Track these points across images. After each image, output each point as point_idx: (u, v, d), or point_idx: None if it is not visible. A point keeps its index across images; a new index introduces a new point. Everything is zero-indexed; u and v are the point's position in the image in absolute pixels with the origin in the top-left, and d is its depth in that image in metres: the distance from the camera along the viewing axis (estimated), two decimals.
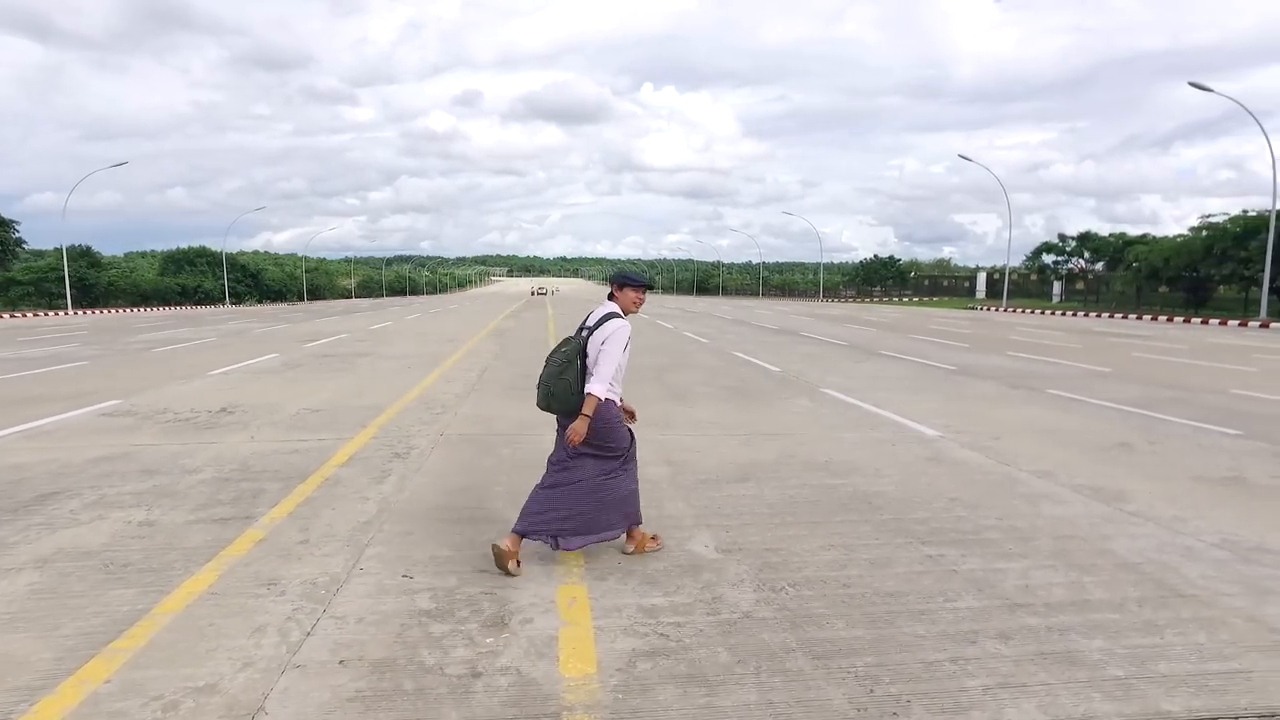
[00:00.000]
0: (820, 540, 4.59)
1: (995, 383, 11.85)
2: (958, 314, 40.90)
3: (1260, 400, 10.43)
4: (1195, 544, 4.61)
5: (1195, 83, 33.57)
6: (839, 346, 17.96)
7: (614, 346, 3.99)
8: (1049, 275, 59.32)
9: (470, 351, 16.35)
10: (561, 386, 3.97)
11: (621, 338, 4.04)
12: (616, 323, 4.08)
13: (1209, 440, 7.69)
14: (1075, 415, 9.07)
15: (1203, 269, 39.16)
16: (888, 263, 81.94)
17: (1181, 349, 19.10)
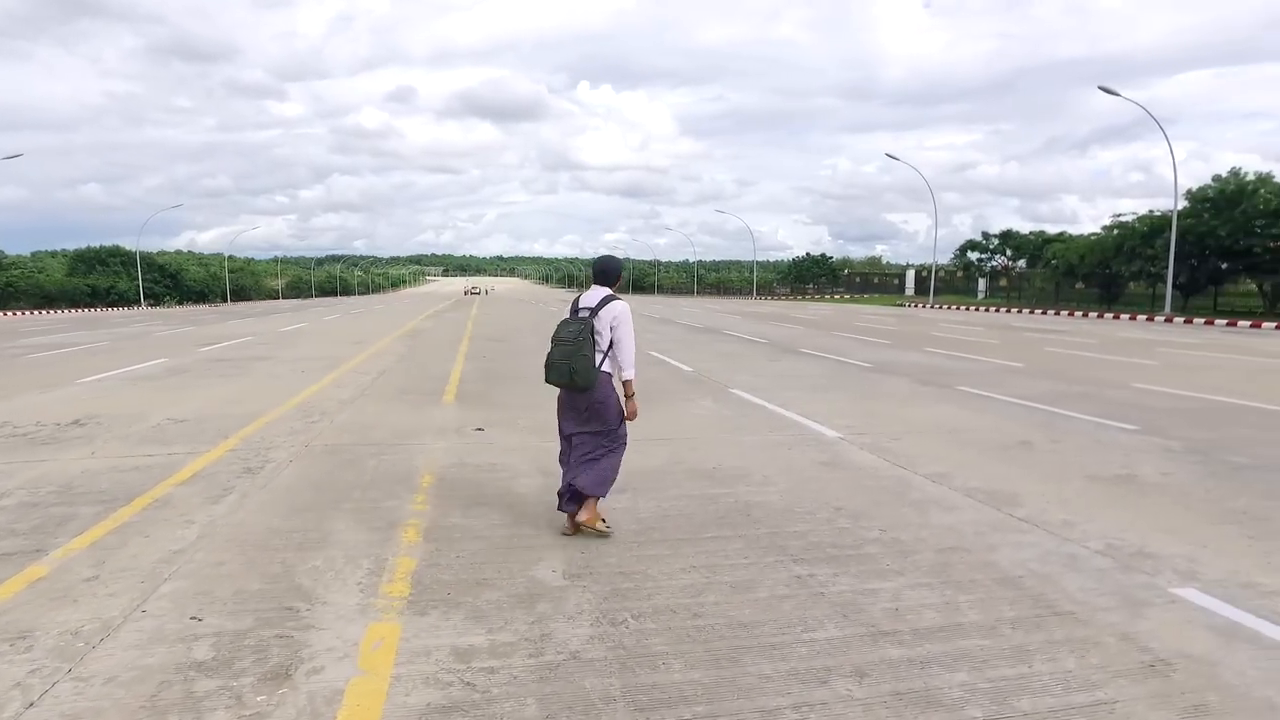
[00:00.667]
0: (684, 561, 4.17)
1: (908, 380, 11.69)
2: (885, 311, 41.38)
3: (1158, 394, 10.46)
4: (1079, 551, 4.34)
5: (1104, 87, 34.55)
6: (759, 345, 17.74)
7: (629, 330, 4.38)
8: (974, 272, 60.67)
9: (376, 354, 15.61)
10: (583, 364, 4.23)
11: (630, 319, 4.40)
12: (623, 305, 4.39)
13: (1107, 437, 7.56)
14: (982, 413, 8.90)
15: (1114, 266, 40.34)
16: (820, 261, 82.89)
17: (1092, 344, 19.43)
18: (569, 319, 4.40)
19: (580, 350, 4.24)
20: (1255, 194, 34.10)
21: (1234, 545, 4.50)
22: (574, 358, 4.24)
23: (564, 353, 4.27)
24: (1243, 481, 5.93)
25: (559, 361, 4.30)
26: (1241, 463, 6.54)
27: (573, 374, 4.26)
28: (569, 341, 4.27)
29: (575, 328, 4.30)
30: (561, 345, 4.29)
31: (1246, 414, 9.02)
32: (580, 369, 4.24)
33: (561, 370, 4.29)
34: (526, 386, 10.76)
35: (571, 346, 4.25)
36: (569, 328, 4.33)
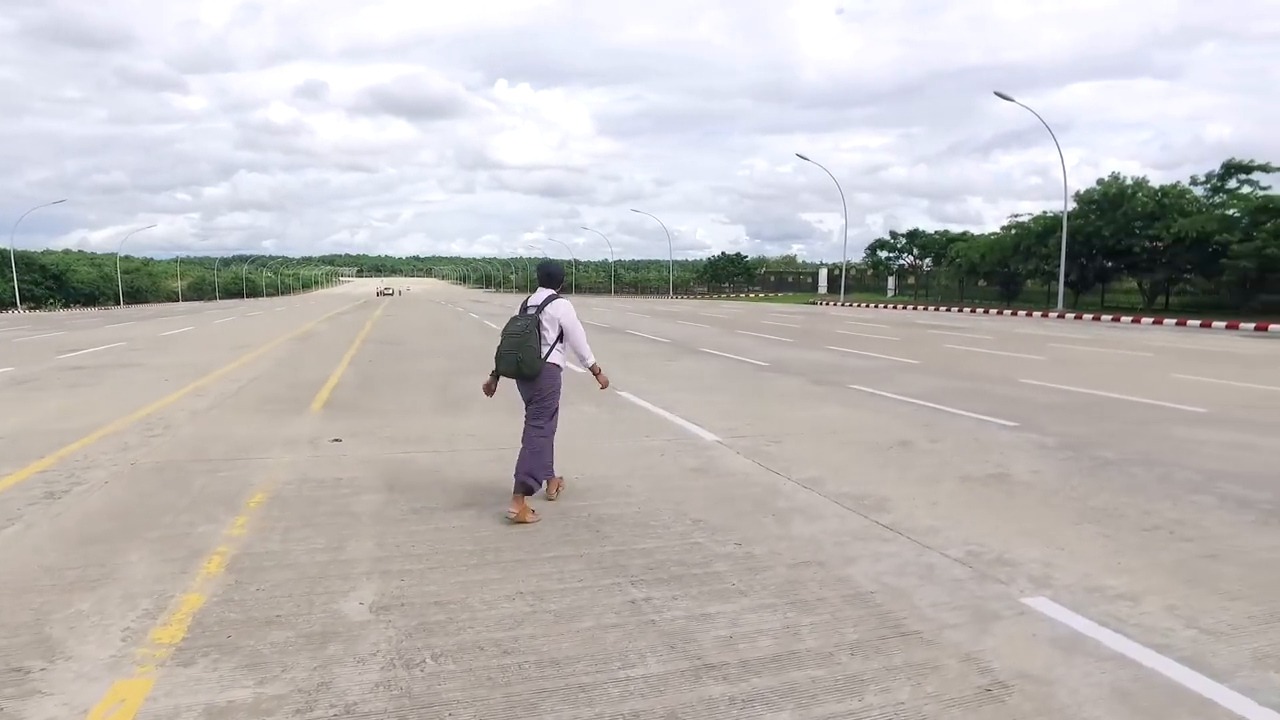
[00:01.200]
0: (512, 586, 3.77)
1: (802, 379, 11.58)
2: (795, 309, 41.89)
3: (1042, 389, 10.61)
4: (938, 561, 4.13)
5: (1000, 93, 35.78)
6: (661, 344, 17.49)
7: (576, 323, 4.89)
8: (883, 271, 62.20)
9: (255, 359, 14.69)
10: (529, 354, 4.67)
11: (574, 314, 4.91)
12: (566, 303, 4.90)
13: (987, 434, 7.51)
14: (869, 412, 8.79)
15: (1012, 264, 41.84)
16: (735, 260, 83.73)
17: (989, 340, 19.90)
18: (518, 316, 4.85)
19: (526, 342, 4.68)
20: (1134, 197, 35.85)
21: (1089, 546, 4.38)
22: (521, 349, 4.68)
23: (512, 344, 4.70)
24: (1106, 477, 5.89)
25: (508, 352, 4.72)
26: (1108, 458, 6.54)
27: (519, 363, 4.69)
28: (517, 334, 4.70)
29: (523, 323, 4.75)
30: (510, 338, 4.72)
31: (1119, 407, 9.17)
32: (526, 359, 4.68)
33: (510, 360, 4.72)
34: (406, 392, 10.19)
35: (519, 339, 4.68)
36: (517, 323, 4.77)
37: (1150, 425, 8.07)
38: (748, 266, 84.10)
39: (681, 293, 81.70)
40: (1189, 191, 36.09)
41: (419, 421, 8.09)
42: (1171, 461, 6.43)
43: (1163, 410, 9.01)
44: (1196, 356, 15.93)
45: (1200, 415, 8.72)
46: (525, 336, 4.70)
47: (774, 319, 30.00)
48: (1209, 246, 31.88)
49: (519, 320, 4.81)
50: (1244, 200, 33.23)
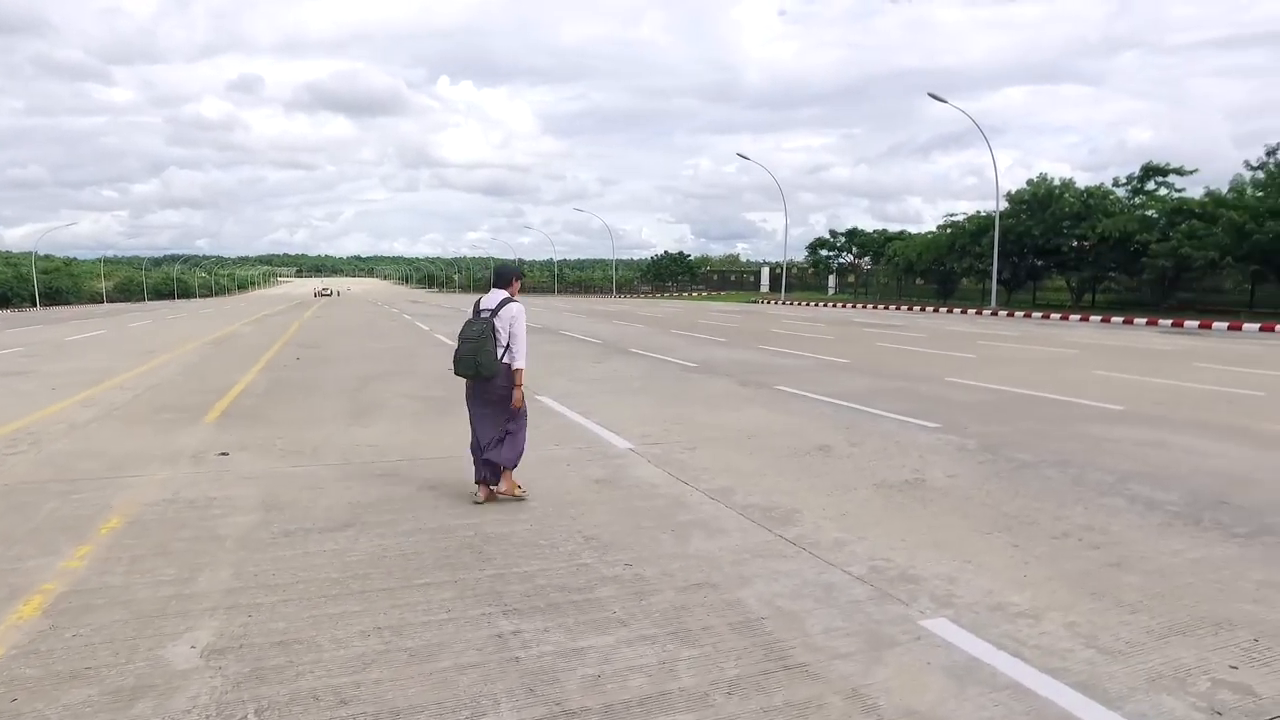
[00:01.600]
0: (372, 619, 3.41)
1: (729, 380, 11.38)
2: (735, 307, 41.97)
3: (968, 388, 10.59)
4: (839, 579, 3.89)
5: (934, 94, 36.30)
6: (592, 345, 17.16)
7: (522, 328, 4.98)
8: (823, 269, 62.86)
9: (161, 364, 13.92)
10: (487, 357, 4.86)
11: (523, 318, 5.02)
12: (518, 306, 5.01)
13: (908, 437, 7.37)
14: (792, 414, 8.60)
15: (948, 263, 42.60)
16: (678, 259, 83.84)
17: (922, 338, 20.05)
18: (473, 319, 5.01)
19: (484, 346, 4.86)
20: (1061, 198, 36.79)
21: (997, 557, 4.20)
22: (479, 352, 4.86)
23: (470, 348, 4.88)
24: (1021, 481, 5.77)
25: (466, 356, 4.89)
26: (1025, 460, 6.43)
27: (478, 366, 4.88)
28: (474, 339, 4.88)
29: (479, 327, 4.92)
30: (468, 342, 4.90)
31: (1040, 406, 9.16)
32: (485, 362, 4.87)
33: (468, 363, 4.90)
34: (314, 399, 9.68)
35: (476, 343, 4.87)
36: (474, 327, 4.94)
37: (1069, 424, 8.04)
38: (691, 265, 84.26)
39: (625, 292, 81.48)
40: (1112, 193, 37.18)
41: (319, 431, 7.63)
42: (1086, 462, 6.36)
43: (1082, 408, 9.02)
44: (1117, 353, 16.23)
45: (1117, 413, 8.74)
46: (482, 340, 4.88)
47: (712, 318, 29.92)
48: (1130, 246, 32.84)
49: (475, 324, 4.97)
50: (1161, 202, 34.36)
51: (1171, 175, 36.27)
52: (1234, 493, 5.51)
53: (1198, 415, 8.64)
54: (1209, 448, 6.98)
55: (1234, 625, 3.41)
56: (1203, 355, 15.79)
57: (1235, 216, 27.38)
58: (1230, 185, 30.20)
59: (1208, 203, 30.12)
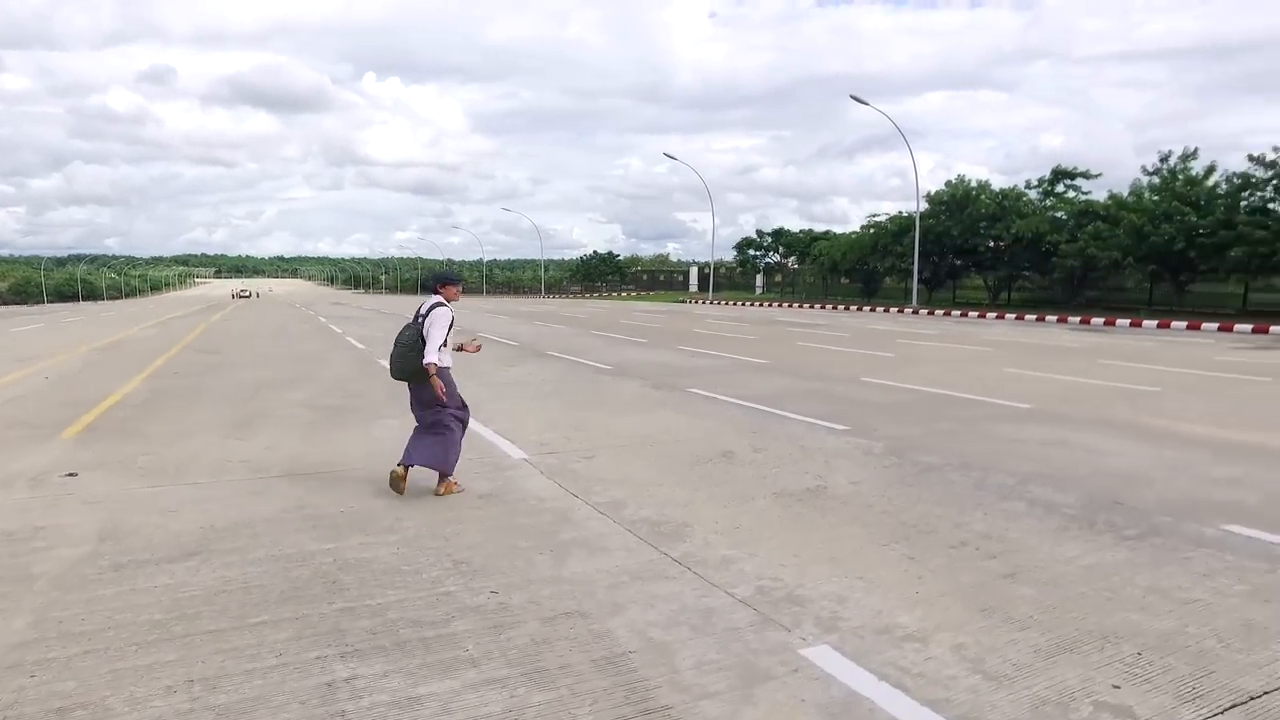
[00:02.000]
0: (185, 670, 2.98)
1: (641, 383, 11.10)
2: (662, 307, 41.89)
3: (882, 388, 10.54)
4: (721, 603, 3.62)
5: (855, 96, 36.87)
6: (507, 348, 16.69)
7: (434, 327, 5.06)
8: (750, 269, 63.41)
9: (32, 373, 12.88)
10: (411, 360, 5.03)
11: (442, 319, 5.10)
12: (440, 310, 5.14)
13: (815, 441, 7.19)
14: (701, 418, 8.36)
15: (871, 262, 43.39)
16: (607, 259, 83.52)
17: (844, 336, 20.19)
18: (410, 323, 5.19)
19: (411, 350, 5.05)
20: (978, 199, 37.81)
21: (891, 571, 3.99)
22: (405, 357, 5.06)
23: (399, 354, 5.10)
24: (925, 486, 5.62)
25: (397, 359, 5.12)
26: (931, 463, 6.30)
27: (404, 371, 5.09)
28: (404, 344, 5.08)
29: (410, 332, 5.11)
30: (399, 347, 5.10)
31: (951, 405, 9.14)
32: (409, 365, 5.06)
33: (399, 367, 5.12)
34: (197, 409, 9.02)
35: (405, 347, 5.07)
36: (406, 332, 5.13)
37: (977, 423, 8.01)
38: (620, 266, 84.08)
39: (555, 292, 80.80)
40: (1025, 195, 38.36)
41: (191, 445, 7.04)
42: (990, 464, 6.27)
43: (992, 408, 9.03)
44: (1029, 350, 16.57)
45: (1025, 411, 8.77)
46: (411, 345, 5.06)
47: (636, 318, 29.70)
48: (1042, 246, 33.93)
49: (408, 329, 5.14)
50: (1069, 204, 35.60)
51: (1079, 179, 37.71)
52: (1127, 493, 5.47)
53: (1099, 412, 8.72)
54: (1108, 446, 6.99)
55: (1120, 638, 3.26)
56: (1107, 352, 16.24)
57: (1134, 219, 28.49)
58: (1130, 189, 31.46)
59: (1110, 205, 31.31)
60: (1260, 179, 27.07)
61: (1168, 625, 3.41)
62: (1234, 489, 5.62)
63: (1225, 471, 6.13)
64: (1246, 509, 5.12)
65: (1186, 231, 26.94)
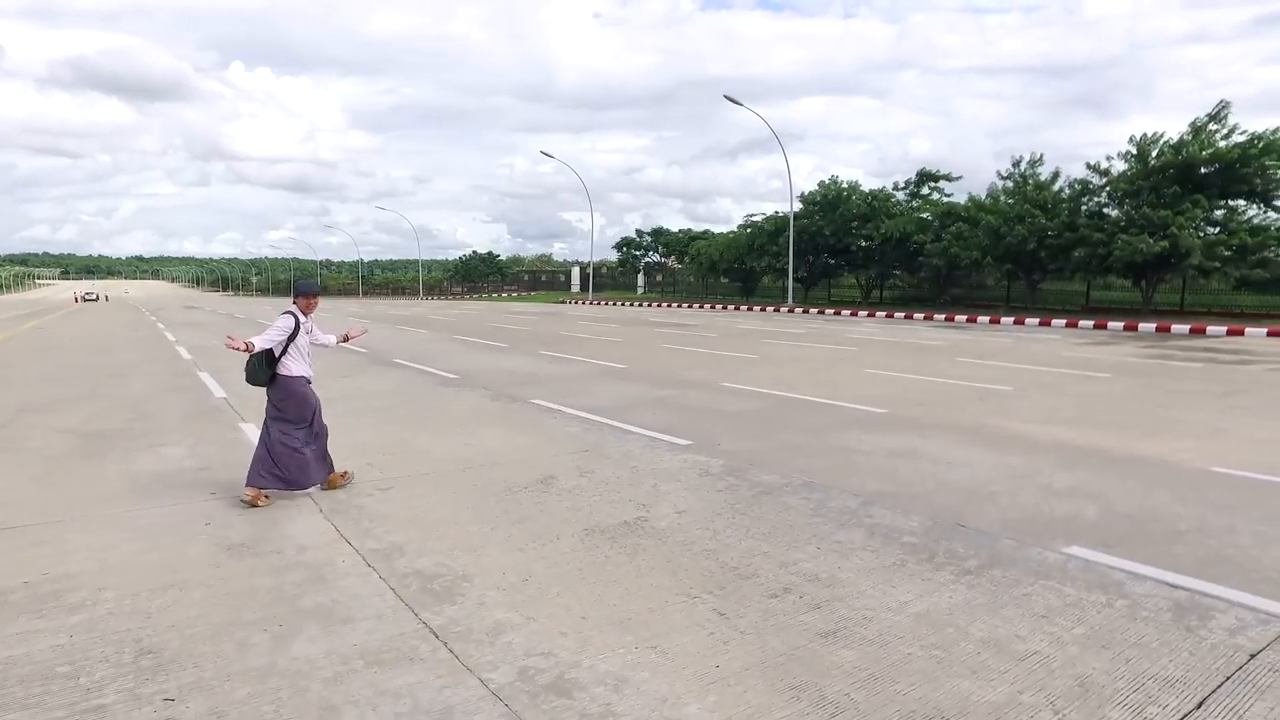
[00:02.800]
0: None
1: (482, 394, 10.21)
2: (539, 308, 40.88)
3: (738, 394, 10.05)
4: (466, 698, 2.83)
5: (729, 97, 36.94)
6: (355, 355, 15.39)
7: (271, 329, 5.29)
8: (630, 268, 63.13)
9: None
10: (250, 366, 5.27)
11: (281, 324, 5.30)
12: (284, 317, 5.35)
13: (650, 460, 6.52)
14: (532, 435, 7.57)
15: (748, 261, 43.73)
16: (487, 259, 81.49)
17: (711, 337, 19.84)
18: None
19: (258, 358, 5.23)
20: (849, 199, 38.67)
21: (692, 637, 3.31)
22: (250, 364, 5.25)
23: (251, 361, 5.25)
24: (757, 514, 5.01)
25: (247, 367, 5.28)
26: (771, 483, 5.73)
27: (253, 376, 5.28)
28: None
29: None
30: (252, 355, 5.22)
31: (807, 412, 8.70)
32: (251, 371, 5.27)
33: (248, 373, 5.29)
34: None
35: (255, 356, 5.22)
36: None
37: (829, 433, 7.56)
38: (500, 266, 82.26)
39: (435, 293, 78.22)
40: (893, 196, 39.51)
41: None
42: (834, 482, 5.75)
43: (847, 413, 8.64)
44: (892, 349, 16.62)
45: (879, 417, 8.42)
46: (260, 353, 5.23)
47: (505, 320, 28.63)
48: (909, 246, 34.95)
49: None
50: (934, 205, 36.87)
51: (942, 181, 39.17)
52: (971, 511, 5.04)
53: (951, 415, 8.47)
54: (956, 454, 6.64)
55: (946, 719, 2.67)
56: (965, 350, 16.47)
57: (992, 220, 29.63)
58: (987, 192, 32.77)
59: (970, 207, 32.52)
60: (1096, 185, 28.63)
61: (1000, 694, 2.86)
62: (1074, 501, 5.29)
63: (1066, 479, 5.84)
64: (1086, 524, 4.76)
65: (1037, 233, 28.18)
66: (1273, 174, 25.00)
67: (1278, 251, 25.31)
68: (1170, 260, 25.31)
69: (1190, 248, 24.35)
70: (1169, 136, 26.64)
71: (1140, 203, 26.26)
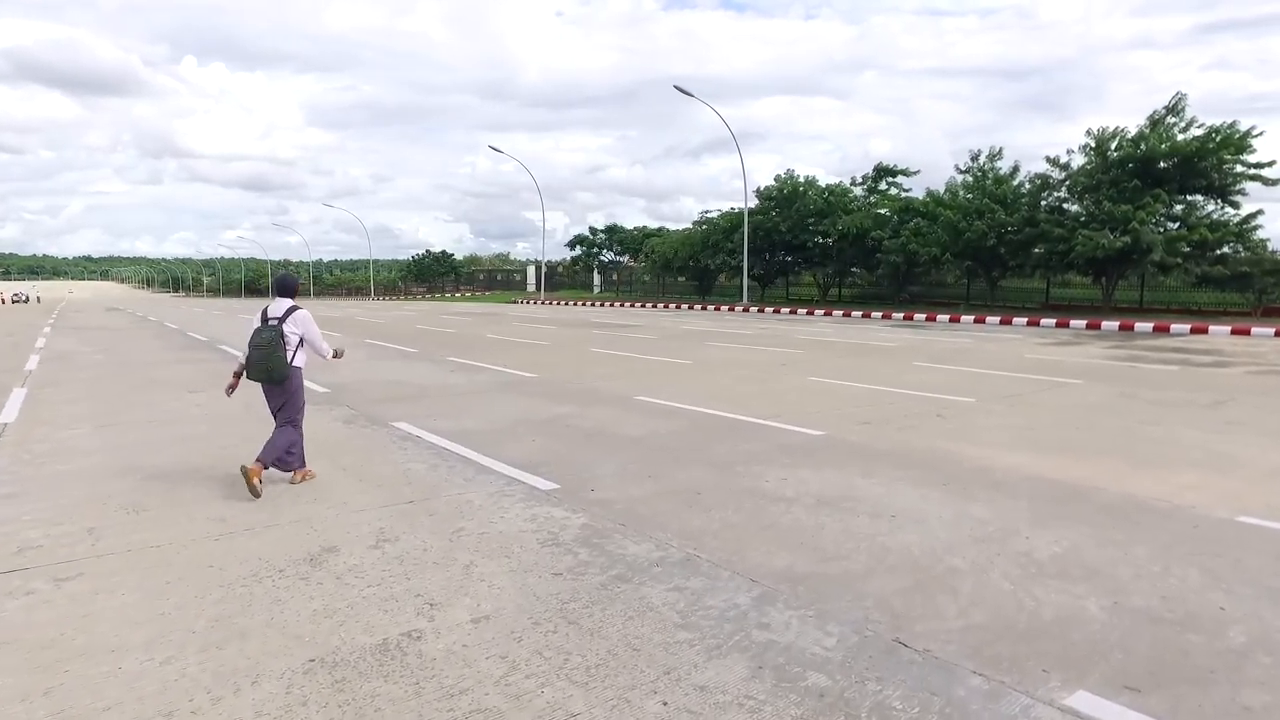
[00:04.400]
0: None
1: (340, 414, 8.37)
2: (481, 308, 38.83)
3: (652, 410, 8.34)
4: None
5: (679, 87, 35.27)
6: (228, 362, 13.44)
7: (315, 328, 5.52)
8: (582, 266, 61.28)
9: None
10: (277, 362, 5.23)
11: (313, 319, 5.53)
12: (305, 312, 5.48)
13: (490, 515, 4.79)
14: (354, 477, 5.80)
15: (703, 259, 42.05)
16: (441, 258, 78.99)
17: (651, 339, 18.17)
18: (261, 327, 5.31)
19: (274, 352, 5.22)
20: (806, 195, 37.25)
21: None
22: (270, 358, 5.21)
23: (261, 355, 5.21)
24: (592, 628, 3.28)
25: (257, 361, 5.23)
26: (637, 559, 4.02)
27: (269, 371, 5.24)
28: (264, 346, 5.21)
29: (268, 335, 5.24)
30: (258, 349, 5.22)
31: (727, 435, 7.04)
32: (275, 367, 5.23)
33: (260, 369, 5.24)
34: None
35: (267, 350, 5.21)
36: (263, 335, 5.25)
37: (744, 469, 5.88)
38: (455, 265, 79.83)
39: (388, 293, 75.67)
40: (850, 191, 38.16)
41: None
42: (727, 556, 4.07)
43: (774, 437, 6.99)
44: (843, 352, 15.09)
45: (813, 441, 6.78)
46: (273, 347, 5.21)
47: (439, 321, 26.66)
48: (867, 242, 33.62)
49: (264, 331, 5.25)
50: (892, 200, 35.59)
51: (900, 176, 37.90)
52: (919, 612, 3.38)
53: (903, 438, 6.87)
54: (903, 501, 5.00)
55: None
56: (923, 352, 14.98)
57: (950, 216, 28.36)
58: (946, 187, 31.53)
59: (929, 202, 31.25)
60: (1056, 180, 27.51)
61: None
62: (1067, 586, 3.66)
63: (1051, 544, 4.23)
64: (1091, 638, 3.13)
65: (996, 228, 26.98)
66: (1229, 169, 24.10)
67: (1235, 248, 24.38)
68: (1131, 256, 24.22)
69: (1151, 243, 23.28)
70: (1126, 130, 25.62)
71: (1100, 197, 25.14)
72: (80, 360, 14.33)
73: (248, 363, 5.28)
